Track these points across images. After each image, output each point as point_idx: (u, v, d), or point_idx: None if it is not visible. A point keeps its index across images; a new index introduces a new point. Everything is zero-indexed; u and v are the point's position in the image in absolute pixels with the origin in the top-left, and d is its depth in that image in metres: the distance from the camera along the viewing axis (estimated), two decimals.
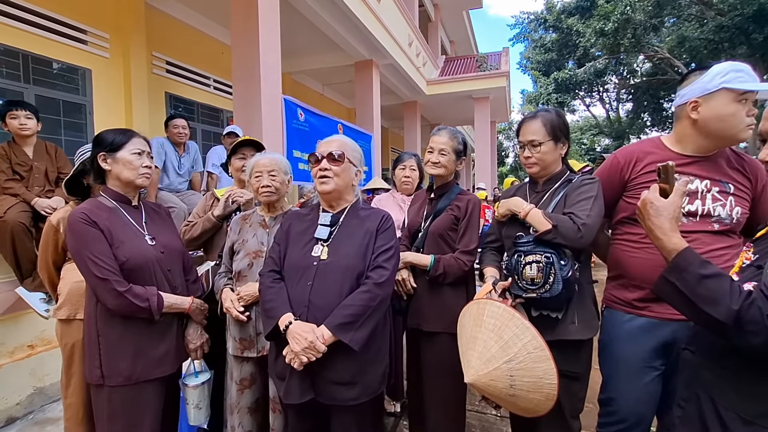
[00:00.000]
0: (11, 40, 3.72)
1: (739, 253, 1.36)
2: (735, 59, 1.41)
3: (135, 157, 1.51)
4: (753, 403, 0.89)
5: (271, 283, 1.46)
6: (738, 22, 14.27)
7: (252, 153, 2.16)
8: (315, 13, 5.33)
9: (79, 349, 1.76)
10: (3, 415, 2.49)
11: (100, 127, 4.41)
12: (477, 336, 1.40)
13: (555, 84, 23.05)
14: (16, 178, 2.76)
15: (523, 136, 1.54)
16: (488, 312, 1.39)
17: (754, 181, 1.39)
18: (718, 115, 1.28)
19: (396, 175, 2.63)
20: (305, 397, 1.37)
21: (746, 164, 1.40)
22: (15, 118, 2.75)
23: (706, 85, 1.29)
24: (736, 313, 0.83)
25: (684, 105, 1.36)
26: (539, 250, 1.38)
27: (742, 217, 1.36)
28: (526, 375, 1.29)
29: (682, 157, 1.39)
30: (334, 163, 1.47)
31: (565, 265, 1.35)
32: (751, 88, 1.25)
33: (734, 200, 1.35)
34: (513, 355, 1.29)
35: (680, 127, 1.41)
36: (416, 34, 9.15)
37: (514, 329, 1.32)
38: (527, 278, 1.37)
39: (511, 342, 1.30)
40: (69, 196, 1.85)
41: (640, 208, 1.08)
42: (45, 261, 1.85)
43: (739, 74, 1.25)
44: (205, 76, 5.87)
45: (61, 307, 1.79)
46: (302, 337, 1.30)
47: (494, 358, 1.32)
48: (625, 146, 1.62)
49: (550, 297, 1.35)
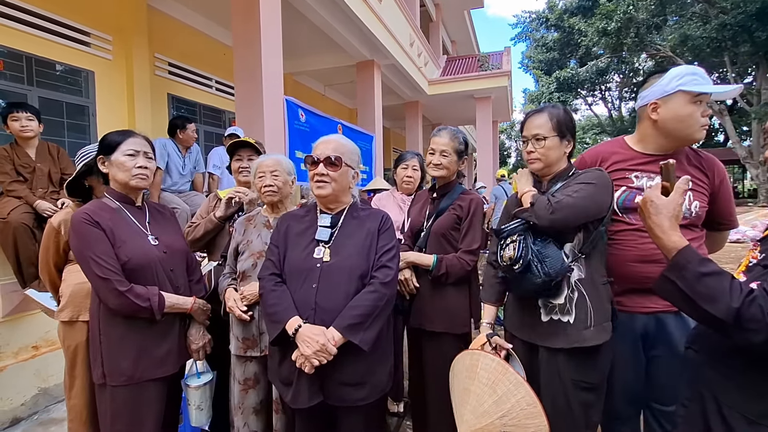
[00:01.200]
0: (15, 43, 3.74)
1: (701, 245, 1.44)
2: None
3: (127, 159, 1.49)
4: (757, 403, 0.88)
5: (273, 286, 1.43)
6: (741, 20, 14.20)
7: (249, 154, 2.17)
8: (316, 13, 5.33)
9: (83, 351, 1.75)
10: (8, 415, 2.51)
11: (102, 128, 4.43)
12: (470, 389, 1.41)
13: (557, 83, 23.03)
14: (20, 180, 2.77)
15: (528, 130, 1.51)
16: (482, 365, 1.41)
17: (711, 177, 1.46)
18: (676, 115, 1.37)
19: (398, 174, 2.62)
20: (314, 401, 1.36)
21: (703, 161, 1.48)
22: (16, 120, 2.76)
23: (665, 88, 1.38)
24: (736, 311, 0.83)
25: (645, 106, 1.45)
26: (513, 229, 1.38)
27: (701, 210, 1.43)
28: (518, 430, 1.31)
29: (644, 156, 1.47)
30: (331, 168, 1.45)
31: (540, 240, 1.35)
32: (704, 90, 1.33)
33: (692, 195, 1.42)
34: (507, 410, 1.32)
35: (642, 128, 1.50)
36: (417, 34, 9.14)
37: (507, 384, 1.34)
38: (506, 259, 1.36)
39: (505, 397, 1.33)
40: (71, 198, 1.85)
41: (641, 206, 1.08)
42: (46, 263, 1.84)
43: (694, 77, 1.34)
44: (207, 77, 5.89)
45: (63, 309, 1.78)
46: (313, 340, 1.29)
47: (488, 413, 1.34)
48: (591, 147, 1.69)
49: (524, 272, 1.32)
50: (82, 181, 1.81)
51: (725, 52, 15.77)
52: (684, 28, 16.36)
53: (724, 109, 17.30)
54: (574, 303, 1.38)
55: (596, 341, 1.35)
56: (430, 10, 12.59)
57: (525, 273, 1.33)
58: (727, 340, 0.91)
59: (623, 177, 1.47)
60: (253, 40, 3.91)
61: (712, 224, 1.50)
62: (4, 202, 2.68)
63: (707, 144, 24.86)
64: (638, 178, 1.46)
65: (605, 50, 19.75)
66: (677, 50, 16.93)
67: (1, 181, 2.74)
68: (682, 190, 1.03)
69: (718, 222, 1.51)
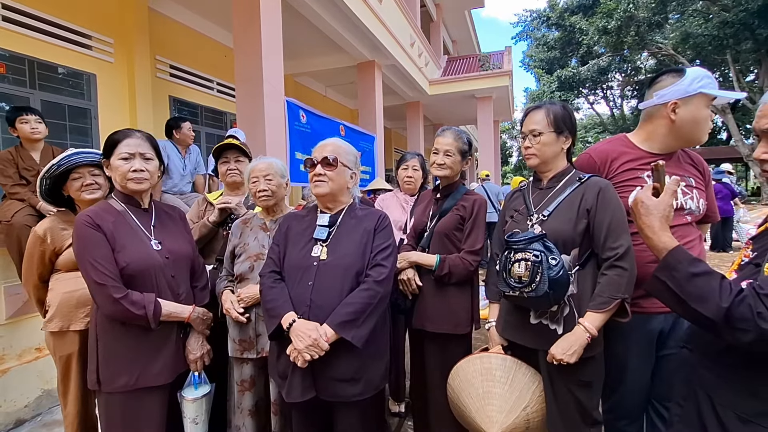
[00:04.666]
0: (18, 47, 3.76)
1: (701, 243, 1.45)
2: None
3: (122, 163, 1.46)
4: (751, 402, 0.88)
5: (273, 283, 1.47)
6: (743, 17, 14.15)
7: (236, 156, 2.16)
8: (317, 14, 5.34)
9: (76, 360, 1.73)
10: (11, 417, 2.52)
11: (104, 131, 4.45)
12: (492, 390, 1.46)
13: (558, 82, 23.00)
14: (23, 183, 2.78)
15: (525, 126, 1.51)
16: (495, 365, 1.48)
17: (704, 173, 1.52)
18: (694, 117, 1.38)
19: (399, 175, 2.63)
20: (306, 395, 1.38)
21: (694, 159, 1.53)
22: (26, 122, 2.77)
23: (687, 88, 1.36)
24: (725, 311, 0.83)
25: (662, 105, 1.42)
26: (530, 248, 1.33)
27: (704, 207, 1.47)
28: (537, 416, 1.44)
29: (652, 155, 1.47)
30: (328, 168, 1.49)
31: (555, 266, 1.29)
32: (721, 95, 1.35)
33: (698, 192, 1.46)
34: (528, 401, 1.43)
35: (652, 126, 1.48)
36: (418, 34, 9.14)
37: (524, 378, 1.45)
38: (515, 275, 1.33)
39: (525, 390, 1.44)
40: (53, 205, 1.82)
41: (632, 207, 1.09)
42: (30, 274, 1.76)
43: (711, 81, 1.36)
44: (208, 79, 5.91)
45: (51, 320, 1.73)
46: (306, 334, 1.31)
47: (514, 409, 1.42)
48: (595, 146, 1.64)
49: (535, 297, 1.29)
50: (60, 189, 1.77)
51: (727, 49, 15.71)
52: (685, 26, 16.31)
53: (727, 107, 17.23)
54: (564, 315, 1.38)
55: (586, 354, 1.32)
56: (430, 10, 12.59)
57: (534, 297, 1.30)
58: (719, 340, 0.91)
59: (636, 177, 1.45)
60: (254, 42, 3.91)
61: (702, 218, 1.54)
62: (8, 204, 2.69)
63: (710, 143, 24.78)
64: (650, 178, 1.44)
65: (606, 49, 19.71)
66: (679, 48, 16.88)
67: (4, 184, 2.76)
68: (672, 190, 1.04)
69: (707, 215, 1.54)
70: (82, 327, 1.74)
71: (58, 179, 1.74)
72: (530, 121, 1.49)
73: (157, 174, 1.56)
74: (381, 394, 1.58)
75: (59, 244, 1.75)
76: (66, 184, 1.77)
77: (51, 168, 1.71)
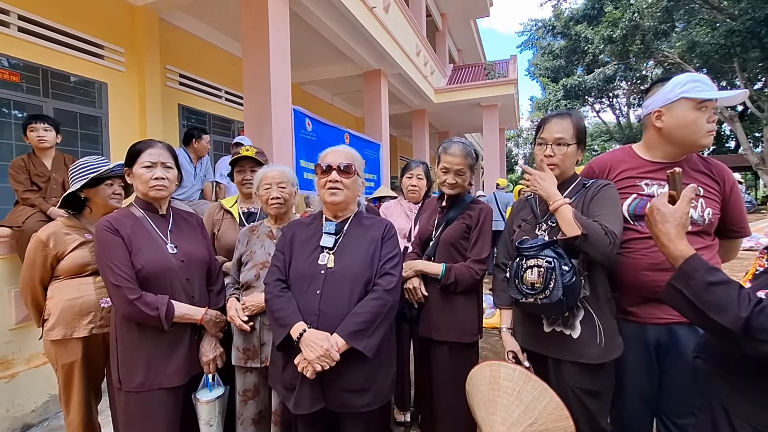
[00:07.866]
0: (32, 56, 3.85)
1: (714, 254, 1.42)
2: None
3: (145, 171, 1.54)
4: (766, 413, 0.87)
5: (279, 292, 1.45)
6: (750, 26, 14.08)
7: (251, 166, 2.18)
8: (324, 24, 5.41)
9: (79, 368, 1.75)
10: (19, 422, 2.53)
11: (115, 138, 4.52)
12: (496, 400, 1.42)
13: (564, 90, 22.99)
14: (34, 189, 2.83)
15: (549, 133, 1.46)
16: (504, 375, 1.43)
17: (722, 183, 1.45)
18: (680, 122, 1.37)
19: (403, 183, 2.63)
20: (315, 406, 1.36)
21: (713, 167, 1.46)
22: (34, 130, 2.84)
23: (667, 95, 1.38)
24: (744, 321, 0.82)
25: (649, 115, 1.45)
26: (542, 254, 1.32)
27: (714, 218, 1.41)
28: None
29: (652, 163, 1.47)
30: (344, 175, 1.49)
31: (568, 272, 1.28)
32: (707, 97, 1.32)
33: (704, 202, 1.41)
34: (535, 417, 1.35)
35: (647, 136, 1.50)
36: (424, 43, 9.22)
37: (532, 392, 1.37)
38: (527, 282, 1.33)
39: (532, 405, 1.36)
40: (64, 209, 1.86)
41: (647, 215, 1.08)
42: (30, 279, 1.76)
43: (697, 84, 1.34)
44: (216, 87, 5.99)
45: (53, 328, 1.72)
46: (317, 345, 1.29)
47: (517, 423, 1.36)
48: (599, 156, 1.66)
49: (549, 303, 1.29)
50: (78, 193, 1.81)
51: (734, 58, 15.63)
52: (692, 34, 16.27)
53: (735, 116, 17.10)
54: (578, 320, 1.37)
55: (607, 358, 1.34)
56: (436, 20, 12.71)
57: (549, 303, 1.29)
58: (736, 350, 0.90)
59: (633, 185, 1.46)
60: (261, 51, 3.98)
61: (725, 232, 1.49)
62: (20, 210, 2.73)
63: (718, 151, 24.56)
64: (648, 186, 1.45)
65: (612, 57, 19.70)
66: (685, 57, 16.82)
67: (16, 190, 2.81)
68: (689, 198, 1.02)
69: (731, 230, 1.49)
70: (85, 334, 1.75)
71: (90, 182, 1.80)
72: (555, 129, 1.46)
73: (176, 182, 1.63)
74: (387, 405, 1.58)
75: (62, 248, 1.77)
76: (93, 188, 1.83)
77: (101, 170, 1.80)
